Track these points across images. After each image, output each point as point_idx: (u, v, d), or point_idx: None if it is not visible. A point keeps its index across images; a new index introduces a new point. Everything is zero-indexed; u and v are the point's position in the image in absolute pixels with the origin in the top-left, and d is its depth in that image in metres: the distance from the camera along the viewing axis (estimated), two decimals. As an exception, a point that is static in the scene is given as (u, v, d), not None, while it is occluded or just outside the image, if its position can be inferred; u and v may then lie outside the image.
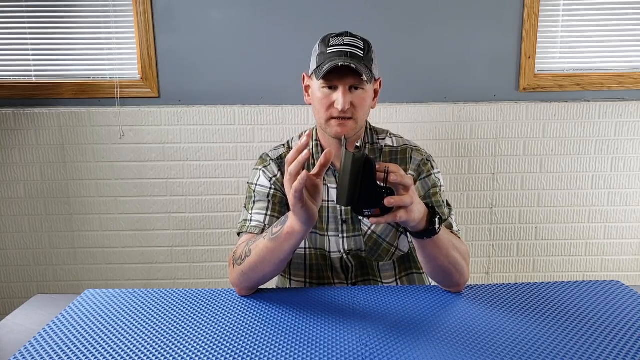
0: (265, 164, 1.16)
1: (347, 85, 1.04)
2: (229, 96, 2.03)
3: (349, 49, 1.04)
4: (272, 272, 0.96)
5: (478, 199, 2.11)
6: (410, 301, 0.97)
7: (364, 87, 1.06)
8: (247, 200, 1.14)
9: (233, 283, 1.02)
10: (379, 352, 0.78)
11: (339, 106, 1.03)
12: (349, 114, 1.05)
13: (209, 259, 2.14)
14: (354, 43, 1.06)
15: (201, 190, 2.08)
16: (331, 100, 1.05)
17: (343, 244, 1.14)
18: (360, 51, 1.05)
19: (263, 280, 0.99)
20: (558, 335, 0.84)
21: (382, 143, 1.18)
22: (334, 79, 1.03)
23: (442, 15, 1.98)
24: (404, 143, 1.19)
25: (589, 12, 2.00)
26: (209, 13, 1.98)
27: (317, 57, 1.07)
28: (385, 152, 1.17)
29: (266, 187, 1.12)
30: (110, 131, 2.04)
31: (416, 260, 1.21)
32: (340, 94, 1.03)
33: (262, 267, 0.94)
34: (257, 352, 0.79)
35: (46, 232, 2.11)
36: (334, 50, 1.04)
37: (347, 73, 1.02)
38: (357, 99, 1.05)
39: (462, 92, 2.04)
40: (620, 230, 2.12)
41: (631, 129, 2.05)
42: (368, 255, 1.14)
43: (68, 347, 0.82)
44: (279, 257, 0.92)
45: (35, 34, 2.01)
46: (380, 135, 1.20)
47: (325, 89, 1.05)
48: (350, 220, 1.13)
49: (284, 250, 0.90)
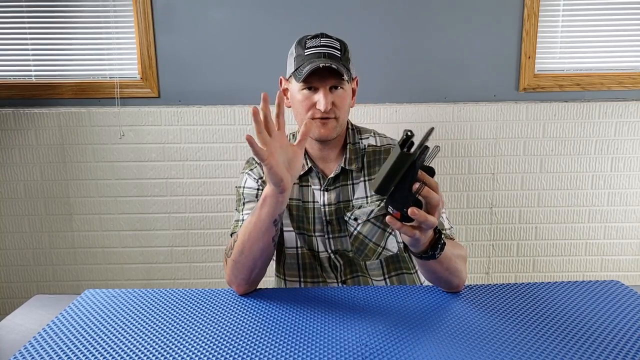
0: (252, 167, 1.17)
1: (327, 86, 1.05)
2: (229, 96, 2.03)
3: (326, 49, 1.05)
4: (259, 251, 0.95)
5: (478, 199, 2.11)
6: (410, 301, 0.97)
7: (344, 87, 1.07)
8: (237, 203, 1.15)
9: (229, 280, 1.01)
10: (378, 352, 0.78)
11: (321, 107, 1.04)
12: (331, 114, 1.06)
13: (208, 259, 2.14)
14: (330, 44, 1.07)
15: (201, 190, 2.08)
16: (312, 101, 1.06)
17: (329, 244, 1.15)
18: (338, 51, 1.06)
19: (253, 264, 0.96)
20: (558, 335, 0.83)
21: (365, 142, 1.17)
22: (315, 81, 1.04)
23: (442, 15, 1.98)
24: (387, 142, 1.18)
25: (589, 12, 2.00)
26: (209, 13, 1.98)
27: (294, 59, 1.08)
28: (368, 152, 1.16)
29: (254, 189, 1.14)
30: (110, 131, 2.04)
31: (406, 260, 1.21)
32: (322, 95, 1.04)
33: (249, 246, 0.94)
34: (257, 352, 0.79)
35: (46, 232, 2.11)
36: (311, 52, 1.05)
37: (328, 74, 1.03)
38: (337, 98, 1.07)
39: (462, 92, 2.04)
40: (620, 230, 2.12)
41: (631, 129, 2.05)
42: (355, 255, 1.15)
43: (68, 347, 0.82)
44: (260, 227, 0.92)
45: (35, 34, 2.01)
46: (364, 134, 1.19)
47: (305, 90, 1.06)
48: (335, 221, 1.14)
49: (262, 218, 0.91)
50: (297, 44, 1.09)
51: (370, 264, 1.16)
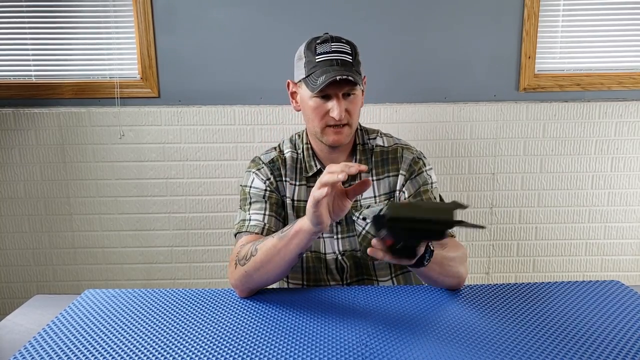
0: (259, 167, 1.15)
1: (340, 94, 1.03)
2: (229, 96, 2.03)
3: (338, 56, 1.02)
4: (275, 275, 0.96)
5: (478, 199, 2.11)
6: (410, 301, 0.98)
7: (356, 92, 1.06)
8: (243, 202, 1.14)
9: (234, 284, 1.01)
10: (378, 352, 0.78)
11: (336, 116, 1.03)
12: (345, 121, 1.05)
13: (208, 259, 2.14)
14: (341, 49, 1.03)
15: (201, 190, 2.08)
16: (325, 109, 1.04)
17: (338, 245, 1.14)
18: (349, 56, 1.03)
19: (265, 283, 0.99)
20: (558, 335, 0.83)
21: (373, 143, 1.17)
22: (328, 90, 1.02)
23: (442, 15, 1.98)
24: (394, 142, 1.18)
25: (589, 12, 2.00)
26: (209, 13, 1.98)
27: (304, 65, 1.05)
28: (376, 152, 1.16)
29: (261, 189, 1.12)
30: (110, 131, 2.04)
31: None
32: (336, 104, 1.03)
33: (267, 267, 0.94)
34: (257, 352, 0.79)
35: (46, 232, 2.11)
36: (323, 59, 1.02)
37: (342, 84, 1.01)
38: (350, 105, 1.06)
39: (462, 92, 2.04)
40: (620, 230, 2.12)
41: (631, 129, 2.05)
42: (363, 254, 1.15)
43: (68, 347, 0.82)
44: (284, 256, 0.92)
45: (35, 34, 2.01)
46: (371, 135, 1.19)
47: (317, 98, 1.04)
48: (344, 221, 1.14)
49: (290, 249, 0.91)
50: (307, 48, 1.06)
51: (378, 264, 1.16)
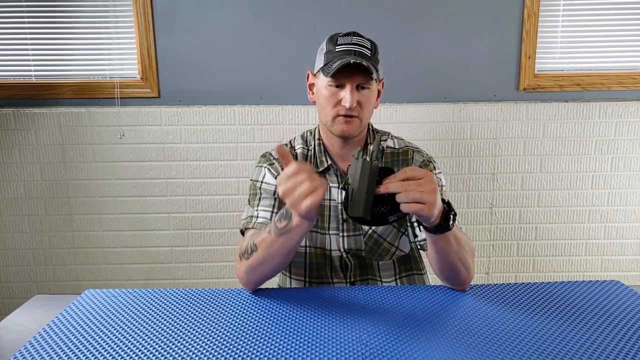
0: (271, 162, 1.16)
1: (354, 84, 1.05)
2: (229, 96, 2.03)
3: (357, 47, 1.06)
4: (280, 265, 0.98)
5: (478, 199, 2.11)
6: (411, 301, 0.98)
7: (370, 87, 1.08)
8: (252, 197, 1.14)
9: (241, 278, 1.02)
10: (379, 352, 0.78)
11: (347, 104, 1.04)
12: (355, 112, 1.06)
13: (209, 259, 2.14)
14: (361, 43, 1.07)
15: (201, 190, 2.08)
16: (338, 98, 1.06)
17: (343, 242, 1.14)
18: (368, 51, 1.07)
19: (272, 272, 1.00)
20: (558, 335, 0.83)
21: (384, 144, 1.18)
22: (342, 77, 1.04)
23: (442, 15, 1.98)
24: (405, 145, 1.20)
25: (589, 12, 2.00)
26: (209, 13, 1.98)
27: (324, 55, 1.08)
28: (386, 154, 1.17)
29: (272, 185, 1.13)
30: (110, 131, 2.04)
31: (417, 261, 1.21)
32: (348, 92, 1.04)
33: (271, 260, 0.96)
34: (258, 352, 0.79)
35: (46, 232, 2.11)
36: (342, 49, 1.05)
37: (356, 71, 1.03)
38: (363, 97, 1.07)
39: (462, 92, 2.04)
40: (620, 230, 2.12)
41: (631, 129, 2.05)
42: (368, 254, 1.15)
43: (68, 347, 0.82)
44: (287, 248, 0.94)
45: (35, 34, 2.01)
46: (382, 136, 1.20)
47: (332, 87, 1.06)
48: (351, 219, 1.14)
49: (292, 241, 0.92)
50: (329, 40, 1.10)
51: (383, 264, 1.16)
